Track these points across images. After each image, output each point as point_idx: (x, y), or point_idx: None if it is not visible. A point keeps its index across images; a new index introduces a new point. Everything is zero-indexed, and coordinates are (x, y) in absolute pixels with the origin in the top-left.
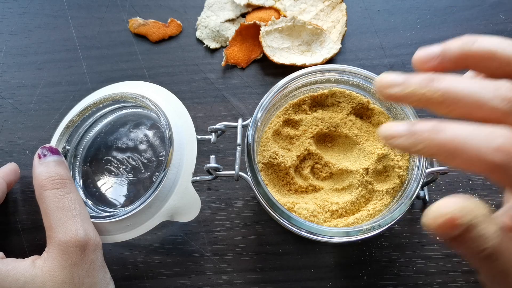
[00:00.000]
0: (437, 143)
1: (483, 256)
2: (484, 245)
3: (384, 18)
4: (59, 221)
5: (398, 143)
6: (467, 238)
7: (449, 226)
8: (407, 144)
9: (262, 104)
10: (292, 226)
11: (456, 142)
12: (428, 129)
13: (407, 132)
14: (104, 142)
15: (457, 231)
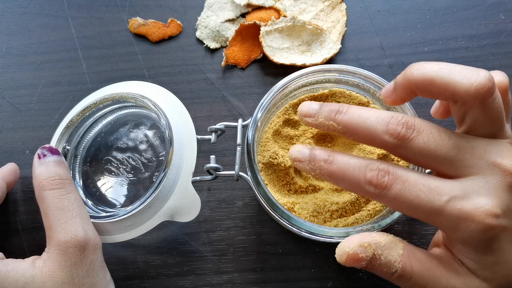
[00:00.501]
0: (327, 172)
1: (395, 278)
2: (391, 270)
3: (384, 18)
4: (59, 222)
5: (300, 167)
6: (376, 266)
7: (354, 260)
8: (306, 168)
9: (262, 104)
10: (292, 226)
11: (340, 172)
12: (322, 159)
13: (307, 158)
14: (104, 142)
15: (363, 262)
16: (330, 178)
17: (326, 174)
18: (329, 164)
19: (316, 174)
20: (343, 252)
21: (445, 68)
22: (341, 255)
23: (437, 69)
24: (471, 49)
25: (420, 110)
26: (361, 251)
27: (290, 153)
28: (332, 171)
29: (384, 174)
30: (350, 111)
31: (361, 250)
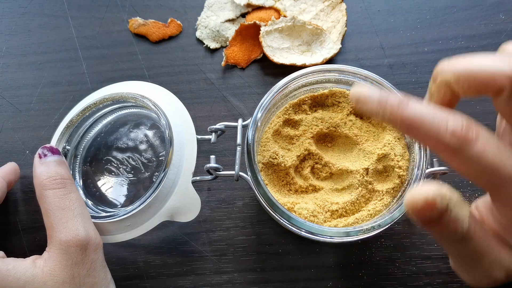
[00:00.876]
0: (401, 116)
1: (457, 239)
2: (458, 228)
3: (384, 18)
4: (60, 221)
5: (368, 107)
6: (443, 221)
7: (428, 209)
8: (376, 109)
9: (262, 104)
10: (292, 226)
11: (416, 117)
12: (397, 102)
13: (376, 99)
14: (104, 142)
15: (435, 214)
16: (402, 124)
17: (398, 119)
18: (404, 107)
19: (385, 118)
20: (421, 196)
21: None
22: (415, 201)
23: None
24: (471, 49)
25: None
26: (439, 199)
27: (353, 92)
28: (407, 115)
29: (468, 127)
30: (413, 105)
31: (439, 199)
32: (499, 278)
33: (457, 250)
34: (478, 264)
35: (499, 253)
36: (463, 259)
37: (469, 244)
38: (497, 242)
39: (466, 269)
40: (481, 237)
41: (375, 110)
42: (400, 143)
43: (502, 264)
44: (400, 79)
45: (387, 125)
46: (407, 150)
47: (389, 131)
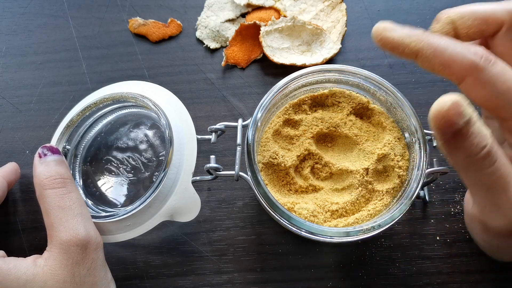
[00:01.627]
0: (427, 40)
1: (482, 156)
2: (483, 142)
3: (384, 18)
4: (60, 220)
5: (392, 35)
6: (468, 133)
7: (455, 113)
8: (400, 35)
9: (262, 104)
10: (292, 226)
11: (441, 43)
12: (421, 31)
13: (400, 28)
14: (104, 142)
15: (462, 120)
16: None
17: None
18: (428, 35)
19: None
20: (448, 99)
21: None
22: (444, 103)
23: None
24: None
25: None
26: (464, 106)
27: (377, 25)
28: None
29: (488, 52)
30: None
31: (464, 106)
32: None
33: (482, 175)
34: (504, 192)
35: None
36: (487, 187)
37: (494, 165)
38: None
39: (492, 205)
40: (505, 160)
41: (402, 37)
42: (400, 143)
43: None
44: (400, 79)
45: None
46: (407, 150)
47: (389, 131)
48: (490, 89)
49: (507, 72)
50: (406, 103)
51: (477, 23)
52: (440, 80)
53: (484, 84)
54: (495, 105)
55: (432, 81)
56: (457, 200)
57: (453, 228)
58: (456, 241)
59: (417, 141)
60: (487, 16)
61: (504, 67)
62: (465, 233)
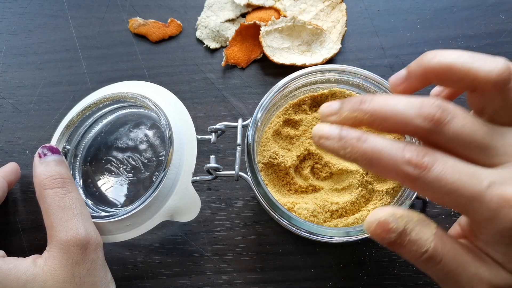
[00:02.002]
0: (360, 151)
1: (424, 260)
2: (422, 249)
3: (384, 18)
4: (60, 220)
5: (327, 145)
6: (404, 242)
7: (383, 230)
8: (334, 147)
9: (262, 104)
10: (292, 226)
11: (374, 151)
12: (355, 137)
13: (336, 136)
14: (104, 142)
15: (393, 234)
16: (362, 158)
17: (358, 153)
18: (363, 142)
19: (346, 154)
20: (374, 219)
21: (463, 55)
22: (370, 223)
23: (455, 56)
24: (471, 49)
25: None
26: (392, 220)
27: (315, 131)
28: (366, 150)
29: (424, 154)
30: (376, 99)
31: (392, 220)
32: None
33: (431, 271)
34: (457, 282)
35: (477, 269)
36: (440, 279)
37: (440, 264)
38: (473, 257)
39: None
40: (453, 255)
41: (336, 148)
42: None
43: (483, 280)
44: None
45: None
46: None
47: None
48: (430, 193)
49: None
50: None
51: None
52: None
53: (422, 190)
54: (442, 203)
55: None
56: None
57: None
58: None
59: (417, 141)
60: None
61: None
62: None
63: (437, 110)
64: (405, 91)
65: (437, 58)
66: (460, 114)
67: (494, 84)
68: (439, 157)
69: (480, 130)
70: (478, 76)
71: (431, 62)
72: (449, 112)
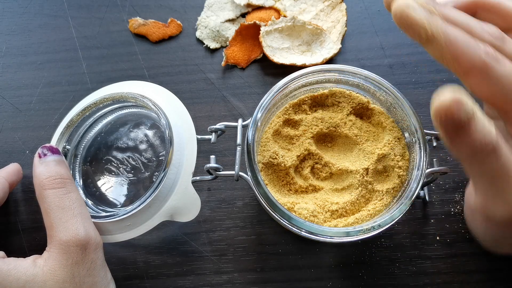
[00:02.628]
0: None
1: (488, 151)
2: (487, 138)
3: (384, 18)
4: (60, 221)
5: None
6: (472, 128)
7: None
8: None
9: (262, 104)
10: (292, 226)
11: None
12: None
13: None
14: (104, 142)
15: (464, 115)
16: (444, 37)
17: (441, 31)
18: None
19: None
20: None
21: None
22: (445, 98)
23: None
24: None
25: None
26: (466, 102)
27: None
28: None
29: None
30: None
31: (466, 101)
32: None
33: (486, 168)
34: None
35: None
36: (493, 180)
37: (500, 159)
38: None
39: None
40: (509, 153)
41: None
42: (400, 143)
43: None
44: (400, 79)
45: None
46: (407, 150)
47: (389, 131)
48: (495, 86)
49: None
50: (406, 103)
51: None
52: (440, 80)
53: (490, 82)
54: (500, 101)
55: (432, 81)
56: (457, 200)
57: (453, 228)
58: (456, 241)
59: (417, 141)
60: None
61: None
62: (465, 233)
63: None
64: None
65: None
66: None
67: None
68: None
69: None
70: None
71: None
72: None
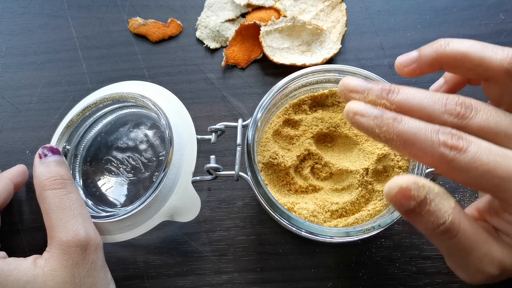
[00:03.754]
0: (396, 131)
1: (440, 232)
2: (439, 220)
3: (384, 18)
4: (60, 221)
5: (362, 122)
6: (423, 212)
7: (404, 197)
8: (370, 124)
9: (262, 104)
10: (292, 226)
11: (410, 132)
12: (391, 117)
13: (372, 114)
14: (104, 142)
15: (413, 202)
16: (398, 139)
17: (394, 133)
18: (399, 122)
19: (381, 133)
20: (396, 185)
21: (476, 44)
22: (391, 188)
23: (469, 44)
24: None
25: None
26: (414, 188)
27: (349, 107)
28: (402, 130)
29: (458, 137)
30: (403, 91)
31: (414, 187)
32: (491, 273)
33: (444, 244)
34: (468, 259)
35: (489, 248)
36: (451, 254)
37: (455, 239)
38: (488, 236)
39: (457, 264)
40: (469, 231)
41: (371, 125)
42: None
43: (494, 259)
44: (400, 79)
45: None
46: None
47: None
48: (465, 175)
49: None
50: None
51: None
52: None
53: (456, 172)
54: (476, 185)
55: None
56: (457, 200)
57: None
58: None
59: None
60: (478, 66)
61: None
62: None
63: (461, 107)
64: (412, 74)
65: (452, 45)
66: (482, 108)
67: (507, 72)
68: (473, 140)
69: (504, 120)
70: (492, 65)
71: (446, 48)
72: (472, 108)
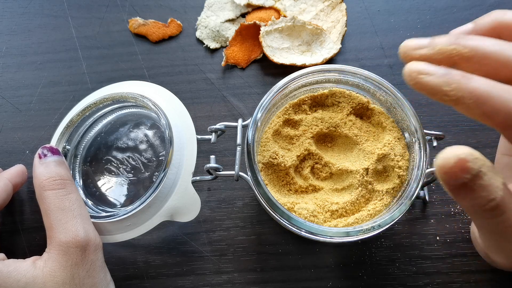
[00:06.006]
0: (468, 88)
1: (489, 208)
2: (491, 196)
3: (384, 18)
4: (60, 222)
5: (428, 80)
6: (475, 185)
7: (461, 168)
8: (438, 82)
9: (262, 104)
10: (292, 226)
11: (484, 92)
12: (459, 74)
13: (438, 71)
14: (104, 142)
15: (467, 175)
16: (470, 96)
17: (466, 90)
18: (469, 79)
19: (451, 90)
20: (453, 155)
21: None
22: (447, 159)
23: None
24: None
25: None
26: (471, 160)
27: (410, 67)
28: (474, 87)
29: None
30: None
31: (471, 159)
32: None
33: (489, 224)
34: (508, 240)
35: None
36: (494, 233)
37: (502, 216)
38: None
39: (497, 245)
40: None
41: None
42: (400, 143)
43: None
44: (400, 79)
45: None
46: (407, 150)
47: (389, 131)
48: None
49: None
50: (406, 103)
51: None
52: None
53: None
54: None
55: None
56: None
57: (453, 228)
58: (456, 241)
59: (417, 141)
60: None
61: None
62: (465, 233)
63: None
64: None
65: (509, 15)
66: None
67: None
68: None
69: None
70: None
71: (505, 16)
72: None
